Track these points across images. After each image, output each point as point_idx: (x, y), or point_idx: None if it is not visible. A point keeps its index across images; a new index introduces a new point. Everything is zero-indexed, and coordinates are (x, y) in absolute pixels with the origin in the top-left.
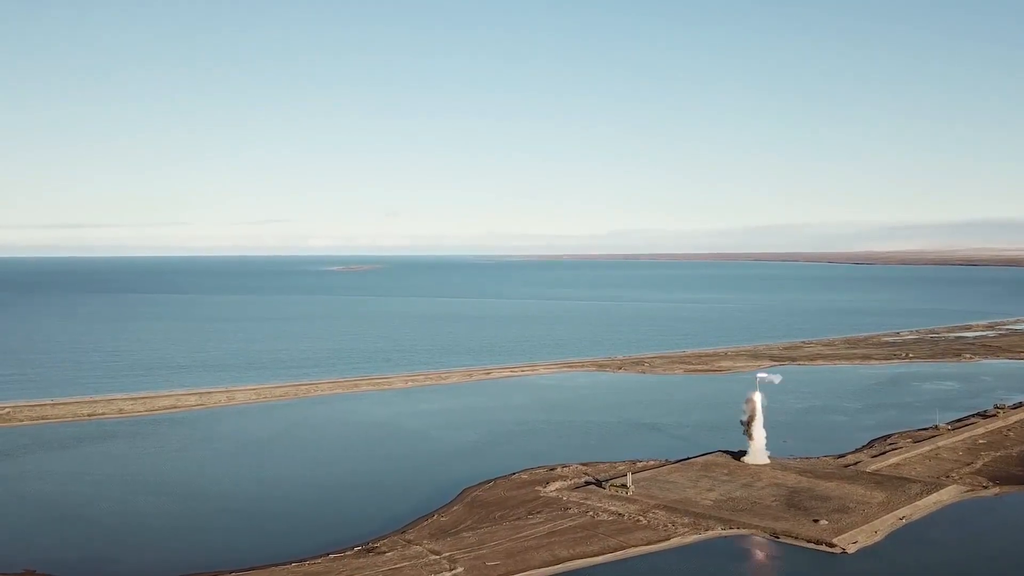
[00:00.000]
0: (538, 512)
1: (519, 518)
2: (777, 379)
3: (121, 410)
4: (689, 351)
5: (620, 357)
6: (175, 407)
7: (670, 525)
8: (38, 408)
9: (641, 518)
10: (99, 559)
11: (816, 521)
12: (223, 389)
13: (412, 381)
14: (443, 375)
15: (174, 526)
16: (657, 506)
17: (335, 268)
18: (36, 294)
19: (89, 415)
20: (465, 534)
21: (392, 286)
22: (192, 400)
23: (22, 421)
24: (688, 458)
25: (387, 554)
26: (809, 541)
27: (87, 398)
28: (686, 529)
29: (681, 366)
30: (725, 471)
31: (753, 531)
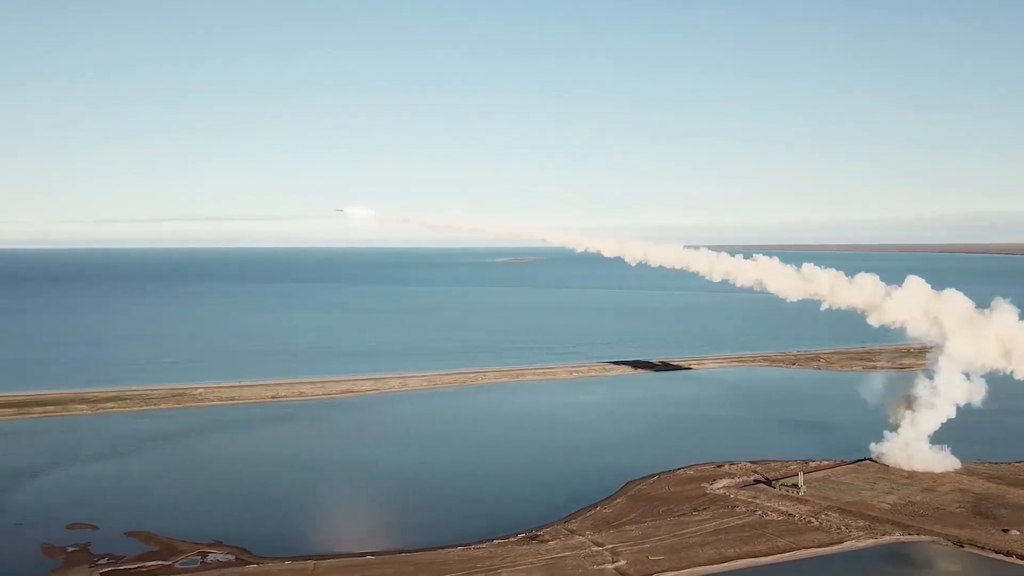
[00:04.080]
0: (704, 509)
1: (684, 514)
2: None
3: (301, 393)
4: (870, 346)
5: (794, 352)
6: (351, 391)
7: (844, 528)
8: (227, 389)
9: (813, 519)
10: (279, 535)
11: (1006, 531)
12: (396, 375)
13: (576, 372)
14: (607, 367)
15: (347, 506)
16: (830, 508)
17: (501, 260)
18: (209, 283)
19: (272, 397)
20: (628, 527)
21: (556, 277)
22: (367, 385)
23: (213, 401)
24: (865, 459)
25: (550, 543)
26: (998, 552)
27: (271, 381)
28: (861, 533)
29: (860, 362)
30: (904, 474)
31: (934, 538)
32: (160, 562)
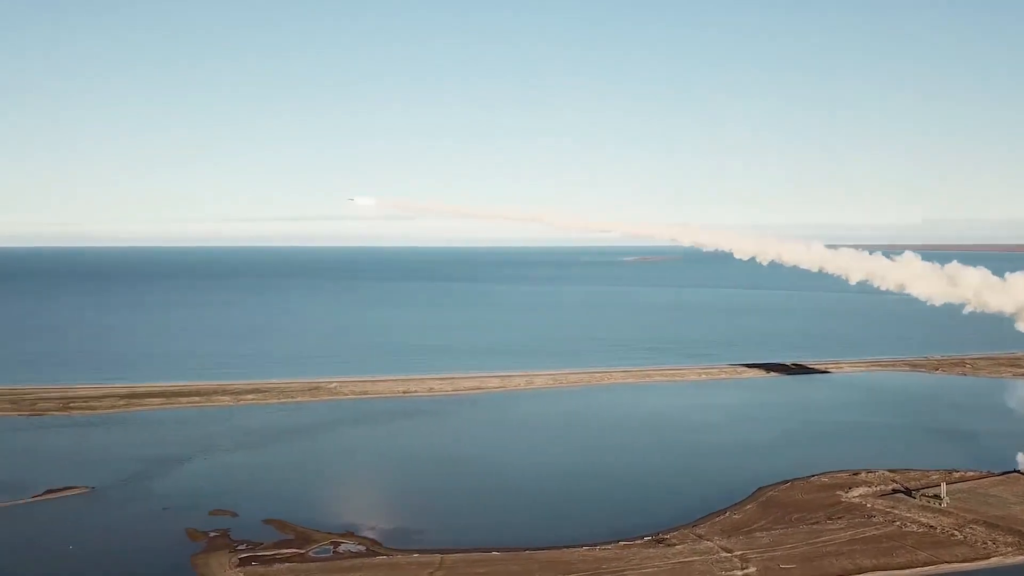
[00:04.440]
0: (839, 518)
1: (817, 522)
2: None
3: (431, 389)
4: (1020, 352)
5: (937, 357)
6: (479, 388)
7: (990, 543)
8: (360, 384)
9: (956, 533)
10: (408, 528)
11: None
12: (522, 373)
13: (706, 374)
14: (738, 370)
15: (472, 502)
16: (975, 521)
17: (629, 259)
18: (349, 280)
19: (403, 392)
20: (758, 534)
21: (685, 277)
22: (494, 383)
23: (346, 395)
24: (1013, 471)
25: (677, 547)
26: None
27: (401, 376)
28: (1010, 549)
29: (1009, 369)
30: None
31: None
32: (295, 550)
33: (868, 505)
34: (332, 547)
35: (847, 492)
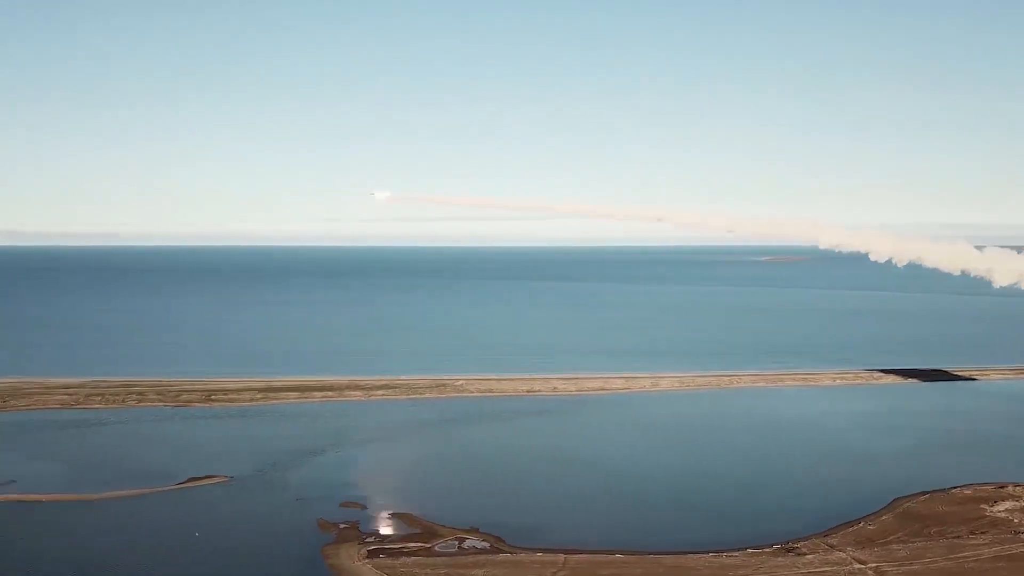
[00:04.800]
0: (982, 532)
1: (958, 536)
2: None
3: (555, 388)
4: None
5: None
6: (603, 389)
7: None
8: (485, 382)
9: None
10: (532, 526)
11: None
12: (648, 375)
13: (841, 379)
14: (875, 375)
15: (595, 502)
16: None
17: (763, 259)
18: (465, 280)
19: (528, 391)
20: (894, 546)
21: (821, 278)
22: (619, 383)
23: (472, 393)
24: None
25: (807, 556)
26: None
27: (526, 375)
28: None
29: None
30: None
31: None
32: (421, 544)
33: (1016, 521)
34: (457, 542)
35: (992, 506)
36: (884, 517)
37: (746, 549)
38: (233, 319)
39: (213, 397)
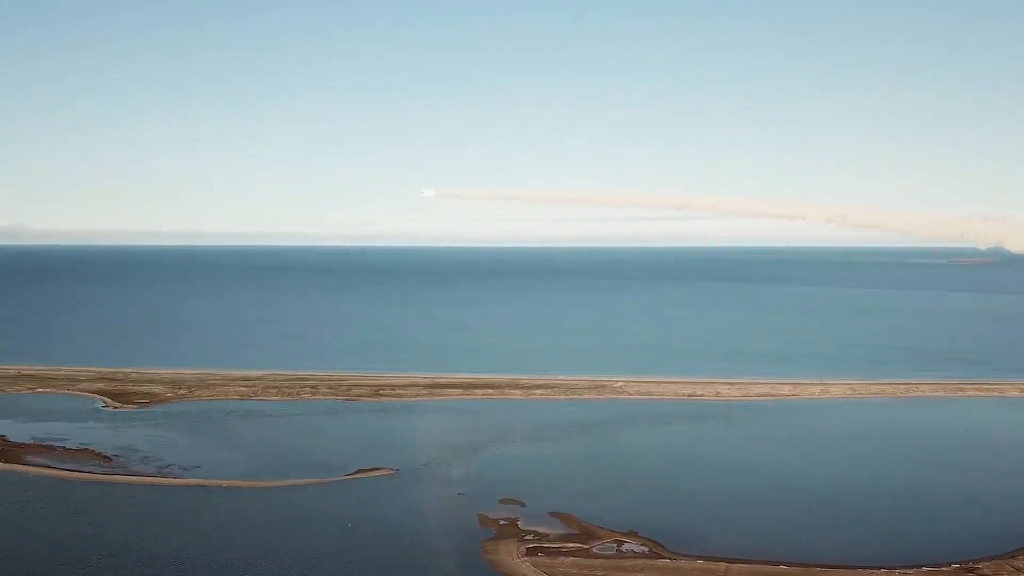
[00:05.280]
0: None
1: None
2: None
3: (718, 393)
4: None
5: None
6: (769, 395)
7: None
8: (645, 384)
9: None
10: (693, 533)
11: None
12: (817, 381)
13: None
14: None
15: (758, 511)
16: None
17: (939, 261)
18: (622, 280)
19: (689, 395)
20: None
21: (1014, 282)
22: (786, 389)
23: (631, 395)
24: None
25: None
26: None
27: (687, 379)
28: None
29: None
30: None
31: None
32: (579, 544)
33: None
34: (616, 545)
35: None
36: None
37: (921, 568)
38: (394, 317)
39: (381, 392)
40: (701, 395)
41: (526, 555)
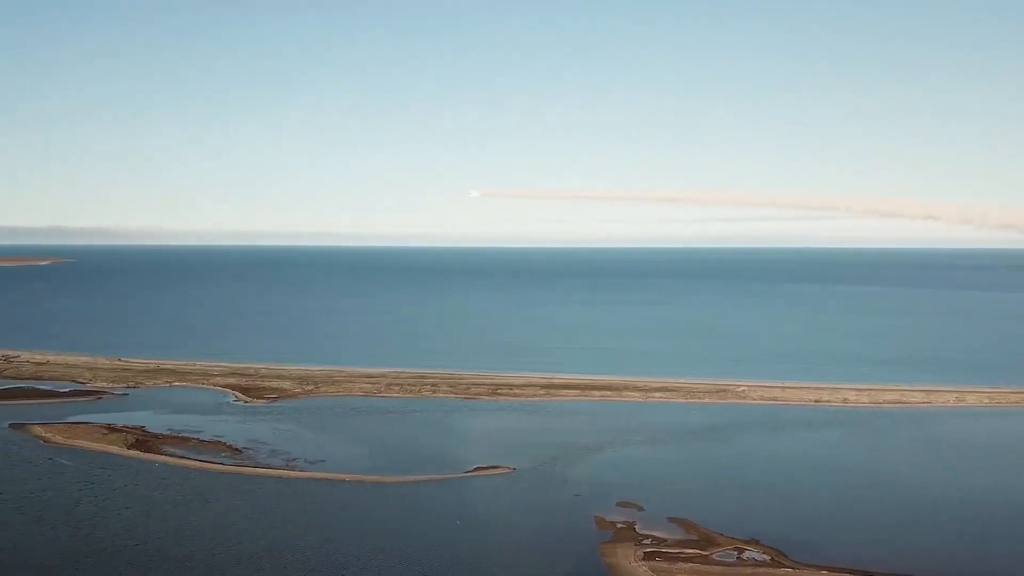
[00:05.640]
0: None
1: None
2: None
3: (845, 399)
4: None
5: None
6: (899, 402)
7: None
8: (769, 389)
9: None
10: (817, 543)
11: None
12: (952, 388)
13: None
14: None
15: (887, 522)
16: None
17: None
18: (754, 283)
19: (815, 401)
20: None
21: None
22: (918, 397)
23: (755, 400)
24: None
25: None
26: None
27: (813, 384)
28: None
29: None
30: None
31: None
32: (698, 551)
33: None
34: (736, 553)
35: None
36: None
37: None
38: (514, 316)
39: (499, 391)
40: (828, 401)
41: (643, 559)
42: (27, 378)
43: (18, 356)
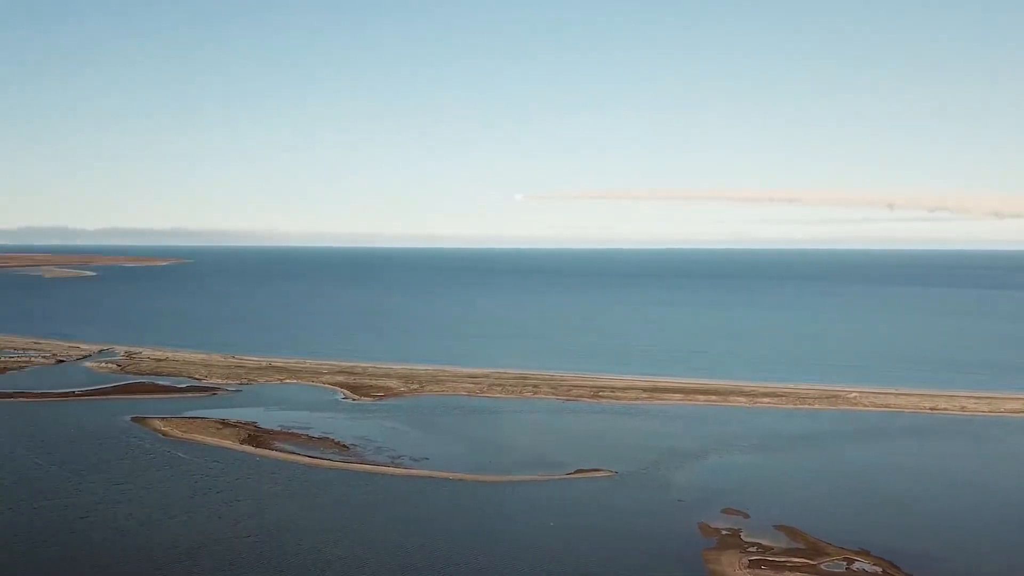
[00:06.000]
0: None
1: None
2: None
3: (963, 407)
4: None
5: None
6: (1022, 411)
7: None
8: (882, 396)
9: None
10: (931, 554)
11: None
12: None
13: None
14: None
15: (1007, 537)
16: None
17: None
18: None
19: (931, 409)
20: None
21: None
22: None
23: (866, 407)
24: None
25: None
26: None
27: (928, 391)
28: None
29: None
30: None
31: None
32: (805, 560)
33: None
34: (845, 563)
35: None
36: None
37: None
38: (609, 318)
39: (600, 393)
40: (944, 408)
41: (749, 567)
42: (147, 373)
43: (139, 352)
